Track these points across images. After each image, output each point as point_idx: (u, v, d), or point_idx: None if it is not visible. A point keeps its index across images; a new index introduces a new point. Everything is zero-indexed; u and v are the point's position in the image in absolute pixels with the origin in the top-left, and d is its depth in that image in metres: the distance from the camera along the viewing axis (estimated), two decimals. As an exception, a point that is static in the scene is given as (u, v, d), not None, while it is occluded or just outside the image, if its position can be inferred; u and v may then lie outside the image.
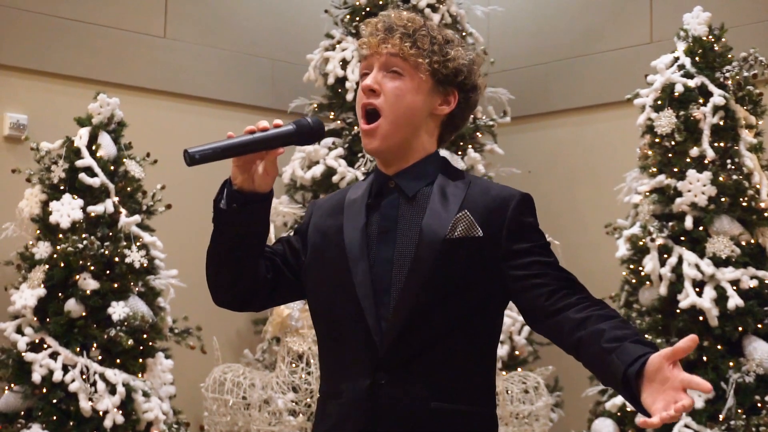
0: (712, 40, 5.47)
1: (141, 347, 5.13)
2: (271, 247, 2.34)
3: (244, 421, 5.11)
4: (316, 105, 6.41)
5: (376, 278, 2.15)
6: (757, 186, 5.27)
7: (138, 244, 5.18)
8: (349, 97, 6.09)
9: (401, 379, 2.13)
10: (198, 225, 6.32)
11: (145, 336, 5.13)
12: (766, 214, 5.30)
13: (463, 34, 6.37)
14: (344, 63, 6.15)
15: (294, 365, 5.02)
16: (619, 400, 5.16)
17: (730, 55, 5.44)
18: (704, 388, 1.91)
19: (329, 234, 2.24)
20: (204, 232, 6.72)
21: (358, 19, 6.27)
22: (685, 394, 1.91)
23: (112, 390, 4.91)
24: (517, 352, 5.90)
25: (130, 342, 4.99)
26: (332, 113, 6.34)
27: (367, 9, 6.25)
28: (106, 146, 5.24)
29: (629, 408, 5.12)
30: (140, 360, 5.14)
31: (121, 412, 4.89)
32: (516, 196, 2.19)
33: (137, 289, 5.20)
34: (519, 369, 5.73)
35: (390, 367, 2.13)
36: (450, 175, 2.22)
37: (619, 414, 5.23)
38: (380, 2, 6.19)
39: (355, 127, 6.12)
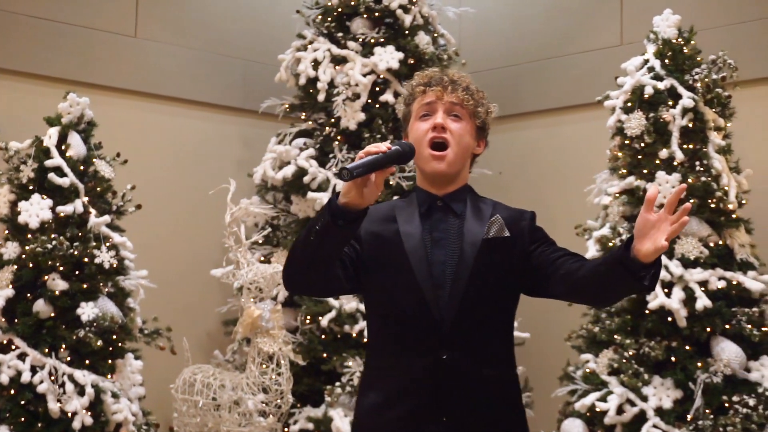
0: (682, 42, 5.50)
1: (110, 348, 5.11)
2: None
3: (214, 422, 5.09)
4: (287, 105, 6.41)
5: (435, 275, 2.71)
6: (726, 188, 5.31)
7: (108, 244, 5.16)
8: (321, 97, 6.09)
9: (458, 353, 2.68)
10: (168, 226, 6.32)
11: (114, 337, 5.10)
12: (734, 216, 5.34)
13: (435, 35, 6.39)
14: (316, 63, 6.14)
15: (264, 366, 5.01)
16: (588, 400, 5.19)
17: (699, 58, 5.47)
18: (680, 189, 2.44)
19: (387, 237, 2.77)
20: (174, 233, 6.76)
21: (329, 19, 6.27)
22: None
23: (80, 391, 4.88)
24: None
25: (100, 343, 4.96)
26: (303, 114, 6.34)
27: (339, 10, 6.25)
28: (76, 146, 5.21)
29: (598, 408, 5.14)
30: (109, 361, 5.12)
31: (90, 413, 4.87)
32: (528, 212, 2.87)
33: (107, 289, 5.17)
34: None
35: (450, 344, 2.68)
36: (478, 199, 2.86)
37: (588, 414, 5.25)
38: (352, 3, 6.19)
39: (327, 128, 6.12)
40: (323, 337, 5.70)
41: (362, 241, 2.79)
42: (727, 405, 5.02)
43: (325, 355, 5.66)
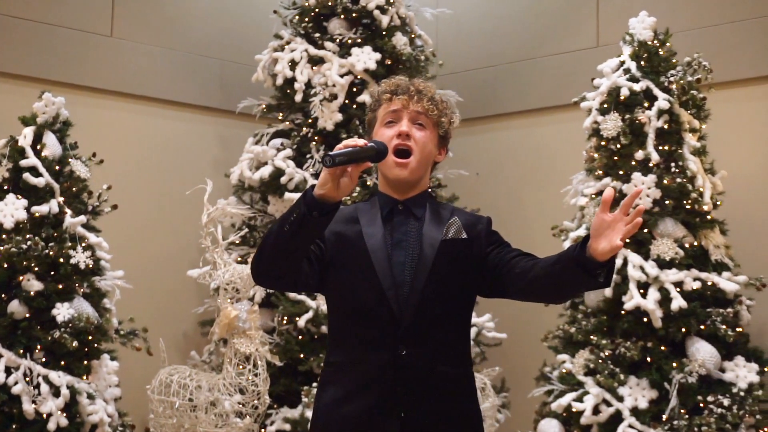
0: (657, 44, 5.53)
1: (86, 349, 5.08)
2: None
3: (191, 423, 5.08)
4: (264, 106, 6.40)
5: (395, 274, 2.81)
6: (701, 189, 5.34)
7: (83, 244, 5.13)
8: (298, 98, 6.09)
9: (416, 349, 2.77)
10: (144, 226, 6.30)
11: (90, 338, 5.08)
12: (709, 217, 5.37)
13: (412, 36, 6.39)
14: (293, 64, 6.14)
15: (241, 367, 5.00)
16: (564, 400, 5.21)
17: (674, 60, 5.51)
18: (635, 193, 2.51)
19: (350, 237, 2.86)
20: (151, 233, 6.72)
21: (307, 20, 6.26)
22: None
23: (56, 392, 4.86)
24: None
25: (75, 344, 4.94)
26: (281, 114, 6.33)
27: (316, 10, 6.25)
28: (51, 146, 5.18)
29: (575, 408, 5.16)
30: (85, 362, 5.09)
31: (65, 414, 4.85)
32: (485, 217, 2.99)
33: (82, 290, 5.15)
34: (466, 370, 5.74)
35: (408, 340, 2.77)
36: (437, 204, 2.97)
37: (564, 414, 5.27)
38: (329, 3, 6.19)
39: (304, 128, 6.12)
40: (300, 337, 5.70)
41: (326, 240, 2.86)
42: (701, 405, 5.05)
43: (302, 355, 5.65)
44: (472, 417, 2.88)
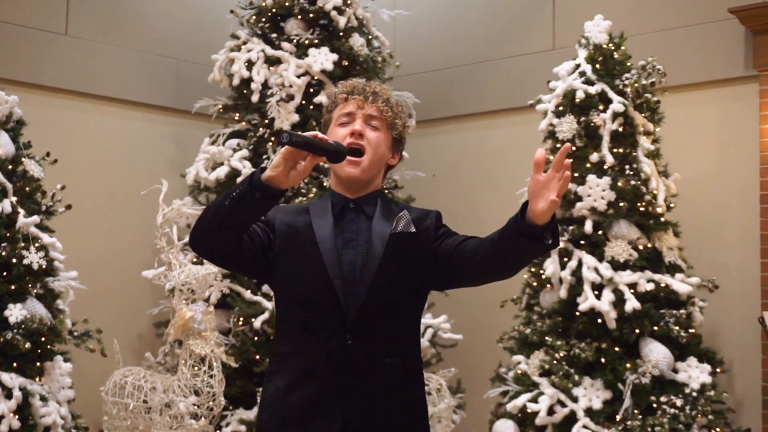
0: (612, 48, 5.58)
1: (39, 350, 5.03)
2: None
3: (145, 425, 5.04)
4: (221, 106, 6.37)
5: (344, 267, 2.82)
6: (654, 191, 5.40)
7: (37, 245, 5.08)
8: (255, 98, 6.06)
9: (363, 340, 2.78)
10: (99, 226, 6.24)
11: (43, 339, 5.02)
12: (662, 219, 5.43)
13: (369, 37, 6.39)
14: (250, 64, 6.12)
15: (196, 368, 4.97)
16: (519, 401, 5.24)
17: (629, 63, 5.56)
18: (564, 149, 2.61)
19: (299, 227, 2.89)
20: (105, 234, 6.65)
21: (263, 20, 6.24)
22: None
23: (8, 394, 4.80)
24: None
25: (28, 345, 4.88)
26: (237, 114, 6.31)
27: (273, 11, 6.23)
28: (4, 145, 5.12)
29: (530, 409, 5.19)
30: (38, 363, 5.03)
31: (17, 416, 4.79)
32: (434, 211, 3.01)
33: (35, 291, 5.09)
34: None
35: (355, 331, 2.78)
36: (388, 202, 3.00)
37: (519, 415, 5.30)
38: (286, 3, 6.17)
39: (261, 129, 6.10)
40: (256, 338, 5.68)
41: (276, 230, 2.89)
42: (655, 405, 5.10)
43: (257, 356, 5.63)
44: (417, 410, 2.89)
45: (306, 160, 2.63)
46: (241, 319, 5.71)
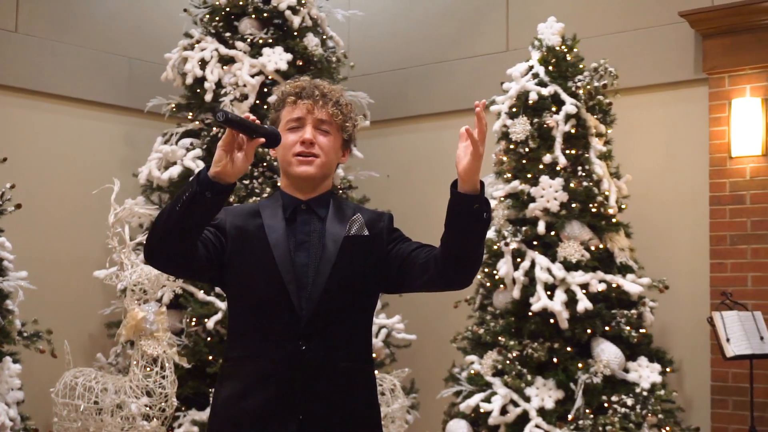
0: (565, 50, 5.62)
1: (-12, 351, 4.97)
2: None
3: (96, 426, 5.00)
4: (174, 105, 6.33)
5: (297, 271, 2.80)
6: (606, 193, 5.44)
7: (-15, 244, 5.02)
8: (208, 97, 6.03)
9: (316, 344, 2.76)
10: (49, 226, 6.17)
11: (-8, 340, 4.97)
12: (614, 220, 5.48)
13: (324, 37, 6.39)
14: (203, 63, 6.08)
15: (148, 369, 4.94)
16: (473, 401, 5.26)
17: (581, 65, 5.60)
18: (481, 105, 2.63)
19: (251, 230, 2.85)
20: (56, 233, 6.58)
21: (217, 19, 6.21)
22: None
23: (-44, 396, 4.75)
24: (374, 355, 5.93)
25: (-24, 346, 4.83)
26: (190, 114, 6.27)
27: (227, 9, 6.20)
28: (-47, 143, 5.06)
29: (483, 409, 5.21)
30: (-13, 365, 4.98)
31: (-35, 418, 4.73)
32: (386, 213, 3.00)
33: (-16, 291, 5.03)
34: (376, 371, 5.76)
35: (309, 335, 2.75)
36: (341, 203, 2.98)
37: (473, 415, 5.32)
38: (240, 2, 6.15)
39: (214, 128, 6.07)
40: (209, 339, 5.65)
41: (227, 234, 2.85)
42: (606, 405, 5.14)
43: (210, 357, 5.61)
44: (370, 413, 2.90)
45: (246, 147, 2.61)
46: (194, 319, 5.68)
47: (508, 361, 5.33)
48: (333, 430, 2.77)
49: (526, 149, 5.47)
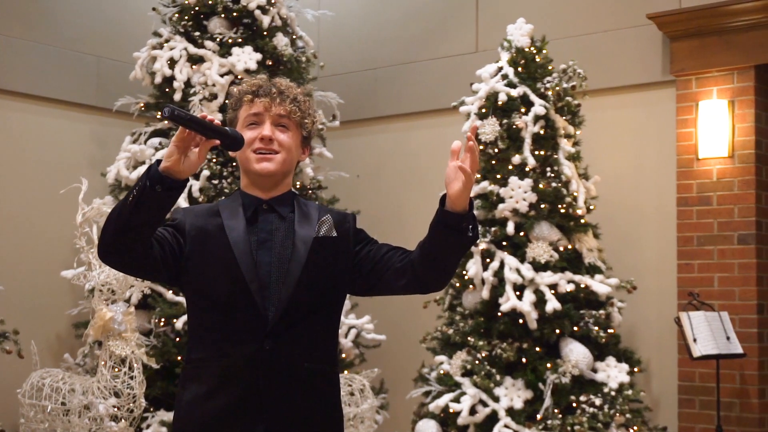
0: (534, 51, 5.65)
1: (-47, 352, 4.93)
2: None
3: (63, 427, 4.96)
4: (143, 104, 6.29)
5: (259, 270, 2.77)
6: (575, 194, 5.47)
7: (-49, 244, 4.97)
8: (177, 97, 6.00)
9: (282, 345, 2.73)
10: (16, 225, 6.13)
11: (-43, 340, 4.93)
12: (582, 221, 5.51)
13: (294, 37, 6.38)
14: (172, 62, 6.06)
15: (116, 370, 4.91)
16: (442, 401, 5.27)
17: (550, 67, 5.63)
18: (473, 129, 2.68)
19: (210, 230, 2.82)
20: (23, 233, 6.53)
21: (186, 18, 6.19)
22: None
23: None
24: (344, 355, 5.94)
25: (-58, 347, 4.78)
26: (159, 113, 6.24)
27: (196, 9, 6.18)
28: None
29: (452, 409, 5.23)
30: (-48, 365, 4.94)
31: (-70, 420, 4.69)
32: (350, 214, 3.00)
33: (-50, 291, 4.99)
34: (345, 372, 5.77)
35: (274, 335, 2.73)
36: (303, 203, 2.95)
37: (442, 415, 5.33)
38: (209, 2, 6.13)
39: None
40: (177, 339, 5.63)
41: (186, 234, 2.82)
42: (574, 405, 5.17)
43: (179, 358, 5.58)
44: (334, 415, 2.88)
45: (199, 146, 2.57)
46: (163, 319, 5.65)
47: (477, 362, 5.34)
48: (298, 430, 2.75)
49: (496, 150, 5.49)
